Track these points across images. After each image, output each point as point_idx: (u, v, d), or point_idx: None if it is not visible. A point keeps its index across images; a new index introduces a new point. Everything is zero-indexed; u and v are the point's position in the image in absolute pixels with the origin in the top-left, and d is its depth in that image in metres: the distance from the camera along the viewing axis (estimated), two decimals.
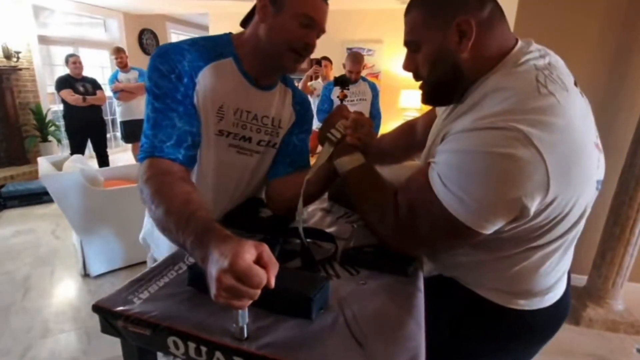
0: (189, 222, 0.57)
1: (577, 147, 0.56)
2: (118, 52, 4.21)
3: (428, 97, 0.73)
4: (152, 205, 0.66)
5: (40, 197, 3.76)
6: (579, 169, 0.57)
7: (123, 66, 4.21)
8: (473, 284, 0.74)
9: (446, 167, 0.60)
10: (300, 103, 1.00)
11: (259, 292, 0.47)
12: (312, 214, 1.13)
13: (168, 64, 0.77)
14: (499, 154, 0.54)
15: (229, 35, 0.88)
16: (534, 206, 0.56)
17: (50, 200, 2.69)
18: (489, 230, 0.60)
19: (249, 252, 0.46)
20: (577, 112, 0.57)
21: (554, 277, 0.70)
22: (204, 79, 0.81)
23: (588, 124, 0.61)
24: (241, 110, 0.87)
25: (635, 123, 1.83)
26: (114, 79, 4.23)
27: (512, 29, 2.01)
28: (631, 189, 1.84)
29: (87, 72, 4.12)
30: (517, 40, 0.66)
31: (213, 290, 0.46)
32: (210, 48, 0.83)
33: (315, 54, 4.03)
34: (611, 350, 1.88)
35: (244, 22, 0.89)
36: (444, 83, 0.68)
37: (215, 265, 0.46)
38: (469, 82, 0.66)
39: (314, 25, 0.79)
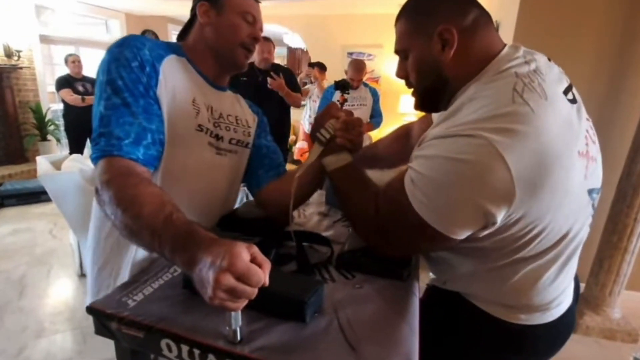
0: (166, 227, 0.55)
1: (550, 155, 0.54)
2: None
3: (418, 104, 0.75)
4: (116, 209, 0.60)
5: (38, 196, 3.75)
6: (552, 178, 0.55)
7: None
8: (472, 296, 0.73)
9: (417, 172, 0.62)
10: (253, 106, 1.02)
11: (256, 291, 0.47)
12: (309, 217, 1.13)
13: (129, 51, 0.73)
14: (462, 160, 0.55)
15: (176, 42, 0.89)
16: (500, 214, 0.56)
17: (48, 200, 2.68)
18: (459, 235, 0.60)
19: (244, 252, 0.46)
20: (554, 121, 0.56)
21: (553, 292, 0.69)
22: (168, 68, 0.78)
23: (572, 132, 0.59)
24: (211, 106, 0.86)
25: (633, 131, 1.84)
26: None
27: (512, 35, 2.02)
28: (629, 197, 1.84)
29: (88, 72, 4.13)
30: (503, 46, 0.66)
31: (208, 292, 0.46)
32: (165, 44, 0.83)
33: (314, 58, 4.06)
34: (608, 358, 1.88)
35: (181, 36, 0.91)
36: (430, 90, 0.70)
37: (210, 268, 0.45)
38: (454, 89, 0.67)
39: (255, 21, 0.85)
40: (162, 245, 0.54)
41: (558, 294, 0.70)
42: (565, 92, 0.63)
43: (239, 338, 0.54)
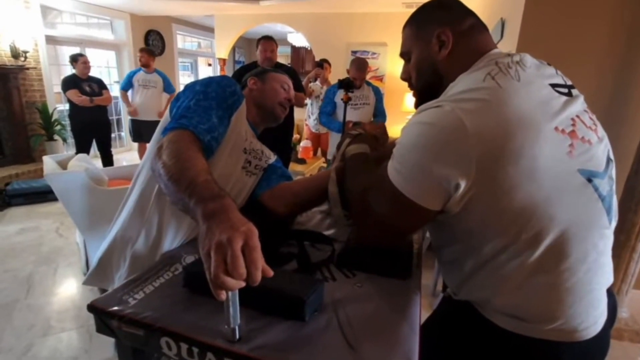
0: (204, 184, 0.61)
1: (512, 123, 0.57)
2: (142, 52, 4.34)
3: (419, 102, 0.80)
4: (171, 159, 0.69)
5: (44, 195, 3.78)
6: (514, 144, 0.56)
7: (146, 66, 4.31)
8: (482, 305, 0.68)
9: (395, 146, 0.67)
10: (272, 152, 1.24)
11: (244, 273, 0.46)
12: (311, 216, 1.13)
13: (228, 81, 0.99)
14: (425, 123, 0.61)
15: None
16: (461, 176, 0.58)
17: (55, 199, 2.71)
18: (432, 204, 0.62)
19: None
20: (523, 98, 0.59)
21: (561, 305, 0.62)
22: (245, 104, 1.04)
23: (548, 111, 0.61)
24: (251, 141, 1.09)
25: None
26: (130, 77, 4.31)
27: (517, 33, 2.00)
28: (637, 195, 1.81)
29: (93, 72, 4.15)
30: (495, 48, 0.72)
31: (212, 243, 0.48)
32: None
33: (318, 56, 4.11)
34: (615, 358, 1.86)
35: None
36: (428, 87, 0.77)
37: (230, 228, 0.49)
38: (447, 84, 0.70)
39: (289, 89, 1.20)
40: (192, 195, 0.59)
41: (568, 307, 0.62)
42: (556, 86, 0.66)
43: (237, 336, 0.54)
